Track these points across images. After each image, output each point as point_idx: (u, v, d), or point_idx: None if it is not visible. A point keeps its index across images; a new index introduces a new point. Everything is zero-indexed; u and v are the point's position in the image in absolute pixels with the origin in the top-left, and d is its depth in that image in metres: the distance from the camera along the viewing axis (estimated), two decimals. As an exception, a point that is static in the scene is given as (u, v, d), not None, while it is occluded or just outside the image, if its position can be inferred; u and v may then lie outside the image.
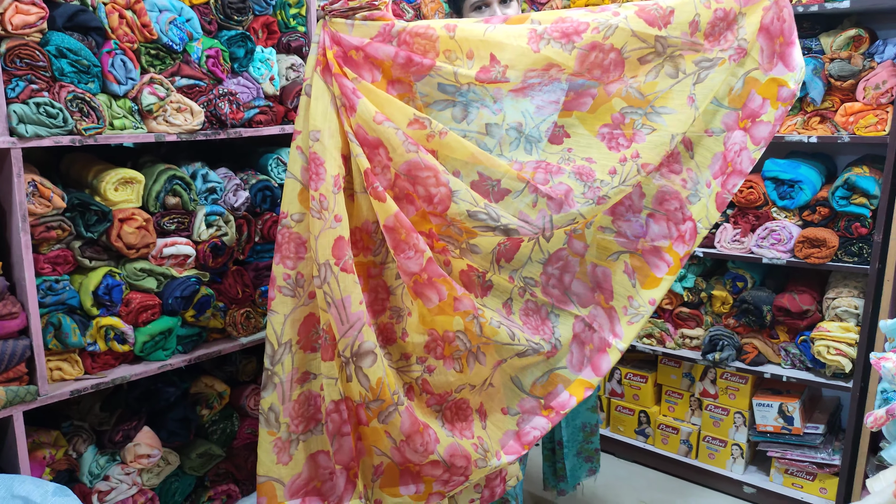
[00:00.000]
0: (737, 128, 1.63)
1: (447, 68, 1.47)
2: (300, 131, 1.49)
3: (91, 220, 1.76)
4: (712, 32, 1.55)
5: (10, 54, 1.58)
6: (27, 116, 1.59)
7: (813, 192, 2.34)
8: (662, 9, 1.50)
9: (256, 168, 2.21)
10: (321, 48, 1.48)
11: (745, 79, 1.60)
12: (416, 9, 2.75)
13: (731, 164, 1.63)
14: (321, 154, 1.44)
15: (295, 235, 1.49)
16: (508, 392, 1.65)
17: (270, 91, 2.13)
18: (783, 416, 2.47)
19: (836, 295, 2.35)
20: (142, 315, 1.88)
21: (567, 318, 1.66)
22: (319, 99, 1.46)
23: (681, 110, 1.55)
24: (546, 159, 1.56)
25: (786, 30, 1.61)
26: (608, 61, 1.51)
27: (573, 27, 1.49)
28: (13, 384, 1.67)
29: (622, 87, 1.55)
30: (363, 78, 1.48)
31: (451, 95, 1.50)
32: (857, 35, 2.28)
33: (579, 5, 2.79)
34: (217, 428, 2.18)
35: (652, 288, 1.67)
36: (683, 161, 1.63)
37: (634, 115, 1.56)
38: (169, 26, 1.83)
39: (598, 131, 1.57)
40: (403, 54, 1.46)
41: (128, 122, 1.80)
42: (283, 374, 1.52)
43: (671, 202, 1.64)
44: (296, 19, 2.18)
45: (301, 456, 1.56)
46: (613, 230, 1.66)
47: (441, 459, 1.54)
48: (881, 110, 2.20)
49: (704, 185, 1.63)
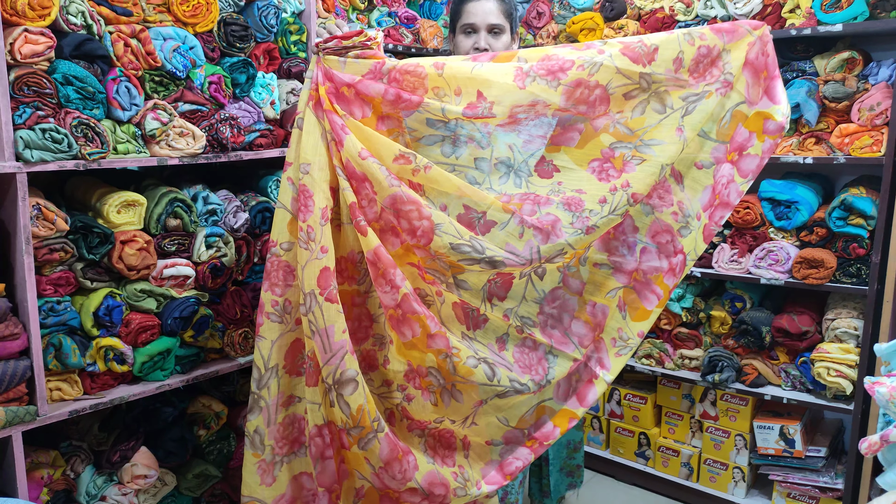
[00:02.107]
0: (725, 161, 1.64)
1: (435, 104, 1.51)
2: (291, 163, 1.54)
3: (93, 243, 1.80)
4: (696, 69, 1.57)
5: (19, 82, 1.63)
6: (33, 142, 1.64)
7: (810, 212, 2.35)
8: (647, 46, 1.53)
9: (256, 190, 2.25)
10: (314, 84, 1.53)
11: (732, 112, 1.62)
12: (415, 33, 2.81)
13: (719, 196, 1.65)
14: (310, 187, 1.48)
15: (283, 263, 1.53)
16: (493, 428, 1.66)
17: (271, 115, 2.18)
18: (784, 439, 2.46)
19: (835, 316, 2.34)
20: (141, 336, 1.91)
21: (565, 360, 1.66)
22: (311, 133, 1.51)
23: (670, 141, 1.58)
24: (535, 192, 1.58)
25: (769, 64, 1.63)
26: (593, 97, 1.54)
27: (558, 65, 1.52)
28: (13, 404, 1.69)
29: (609, 122, 1.58)
30: (354, 114, 1.53)
31: (440, 130, 1.54)
32: (851, 57, 2.30)
33: (573, 31, 2.84)
34: (214, 448, 2.20)
35: (642, 320, 1.69)
36: (674, 193, 1.66)
37: (624, 150, 1.59)
38: (173, 54, 1.89)
39: (588, 165, 1.60)
40: (393, 91, 1.50)
41: (131, 146, 1.84)
42: (269, 398, 1.55)
43: (663, 235, 1.66)
44: (296, 45, 2.23)
45: (285, 477, 1.60)
46: (610, 266, 1.68)
47: (419, 487, 1.55)
48: (876, 131, 2.21)
49: (695, 217, 1.65)
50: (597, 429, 2.97)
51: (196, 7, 1.95)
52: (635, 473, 2.85)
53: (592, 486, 2.84)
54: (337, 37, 1.53)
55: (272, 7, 2.12)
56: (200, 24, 1.97)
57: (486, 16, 1.88)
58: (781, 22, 2.37)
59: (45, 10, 1.65)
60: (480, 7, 1.89)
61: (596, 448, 2.96)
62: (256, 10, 2.09)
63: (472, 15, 1.90)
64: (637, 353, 2.77)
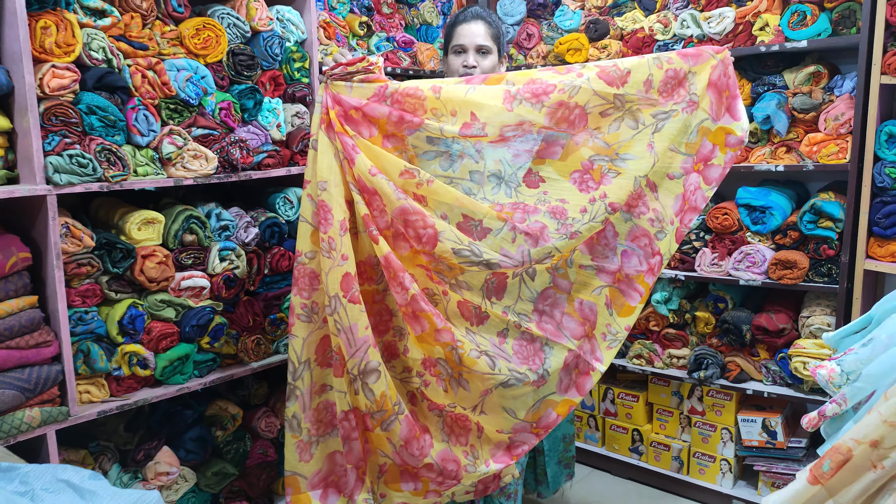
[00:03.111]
0: (693, 171, 1.82)
1: (434, 125, 1.68)
2: (309, 181, 1.70)
3: (117, 257, 1.95)
4: (665, 89, 1.74)
5: (48, 113, 1.78)
6: (61, 166, 1.79)
7: (783, 217, 2.49)
8: (620, 70, 1.70)
9: (265, 206, 2.40)
10: (324, 108, 1.70)
11: (698, 128, 1.79)
12: (413, 56, 2.97)
13: (688, 202, 1.83)
14: (328, 202, 1.65)
15: (309, 270, 1.70)
16: (502, 420, 1.82)
17: (277, 137, 2.34)
18: (767, 431, 2.59)
19: (809, 313, 2.48)
20: (162, 342, 2.06)
21: (560, 350, 1.82)
22: (325, 153, 1.67)
23: (642, 156, 1.75)
24: (524, 201, 1.75)
25: (731, 85, 1.80)
26: (573, 116, 1.71)
27: (542, 88, 1.69)
28: (47, 406, 1.84)
29: (588, 137, 1.74)
30: (362, 134, 1.70)
31: (438, 146, 1.71)
32: (817, 71, 2.45)
33: (560, 51, 3.00)
34: (231, 448, 2.34)
35: (627, 316, 1.86)
36: (650, 202, 1.82)
37: (601, 162, 1.75)
38: (186, 83, 2.05)
39: (570, 176, 1.76)
40: (396, 113, 1.67)
41: (150, 168, 2.00)
42: (303, 387, 1.72)
43: (642, 239, 1.83)
44: (300, 72, 2.39)
45: (320, 455, 1.77)
46: (594, 267, 1.85)
47: (434, 463, 1.72)
48: (841, 139, 2.36)
49: (669, 222, 1.82)
50: (593, 427, 3.10)
51: (206, 40, 2.11)
52: (629, 468, 2.97)
53: (590, 481, 2.97)
54: (342, 64, 1.70)
55: (276, 37, 2.29)
56: (211, 55, 2.13)
57: (475, 37, 2.06)
58: (752, 39, 2.53)
59: (70, 47, 1.80)
60: (469, 29, 2.07)
61: (592, 445, 3.10)
62: (262, 40, 2.26)
63: (462, 36, 2.08)
64: (628, 354, 2.91)
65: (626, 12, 2.89)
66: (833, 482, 1.07)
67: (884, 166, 2.22)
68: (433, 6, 3.13)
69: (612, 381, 3.06)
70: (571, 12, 3.02)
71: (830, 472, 1.07)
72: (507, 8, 3.18)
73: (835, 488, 1.07)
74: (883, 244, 2.27)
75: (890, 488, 1.04)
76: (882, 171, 2.22)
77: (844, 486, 1.07)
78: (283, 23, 2.34)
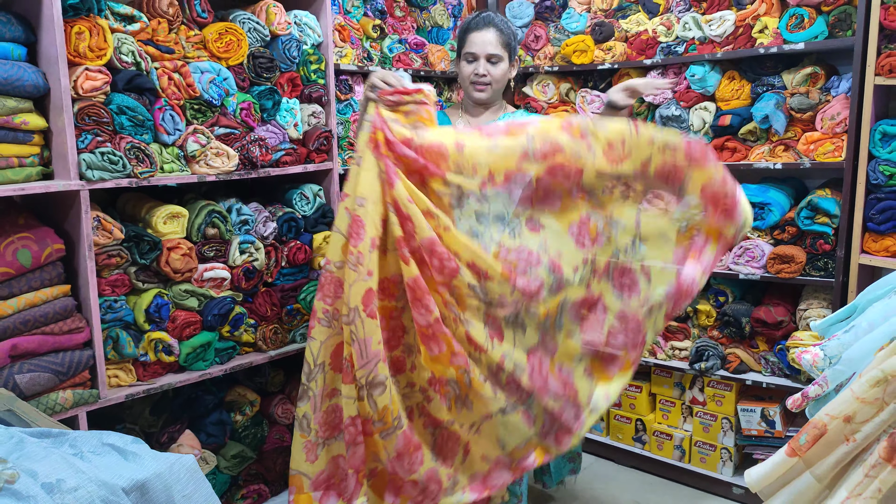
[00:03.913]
0: (686, 260, 1.81)
1: (455, 179, 1.74)
2: (348, 195, 1.74)
3: (144, 249, 2.06)
4: (660, 175, 1.75)
5: (81, 113, 1.89)
6: (94, 163, 1.90)
7: (781, 213, 2.57)
8: (623, 150, 1.73)
9: (283, 202, 2.51)
10: (374, 127, 1.74)
11: (689, 222, 1.80)
12: (424, 57, 3.07)
13: (680, 288, 1.81)
14: (363, 218, 1.70)
15: (335, 279, 1.75)
16: (491, 447, 1.86)
17: (294, 135, 2.45)
18: (766, 421, 2.67)
19: (807, 306, 2.56)
20: (185, 330, 2.17)
21: (539, 410, 1.84)
22: (369, 171, 1.72)
23: (628, 225, 1.78)
24: (528, 246, 1.78)
25: (728, 192, 1.75)
26: (572, 175, 1.75)
27: (552, 150, 1.73)
28: (78, 388, 1.96)
29: (585, 193, 1.78)
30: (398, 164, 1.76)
31: (451, 188, 1.77)
32: (814, 72, 2.53)
33: (567, 53, 3.09)
34: (249, 433, 2.45)
35: (606, 383, 1.86)
36: (642, 286, 1.82)
37: (597, 220, 1.79)
38: (209, 85, 2.16)
39: (568, 228, 1.80)
40: (422, 162, 1.74)
41: (175, 166, 2.11)
42: (315, 389, 1.77)
43: (631, 322, 1.82)
44: (316, 74, 2.50)
45: (325, 457, 1.81)
46: (581, 338, 1.85)
47: (419, 480, 1.78)
48: (837, 138, 2.44)
49: (658, 307, 1.82)
50: (597, 417, 3.19)
51: (228, 44, 2.22)
52: (633, 457, 3.06)
53: (594, 469, 3.06)
54: (399, 91, 1.75)
55: (294, 41, 2.40)
56: (232, 58, 2.23)
57: (486, 46, 2.07)
58: (752, 41, 2.61)
59: (102, 51, 1.91)
60: (481, 38, 2.08)
61: (597, 435, 3.19)
62: (280, 43, 2.36)
63: (474, 45, 2.09)
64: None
65: (630, 15, 2.98)
66: (809, 455, 1.16)
67: (878, 164, 2.30)
68: (444, 9, 3.23)
69: (617, 372, 3.15)
70: (578, 15, 3.11)
71: (807, 445, 1.16)
72: (515, 11, 3.28)
73: (811, 460, 1.16)
74: (877, 239, 2.35)
75: (861, 460, 1.13)
76: (876, 169, 2.30)
77: (820, 458, 1.16)
78: (301, 27, 2.45)
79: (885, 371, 1.11)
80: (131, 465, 1.01)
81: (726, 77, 2.71)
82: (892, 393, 1.11)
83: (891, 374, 1.11)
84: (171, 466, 1.03)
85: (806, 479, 1.18)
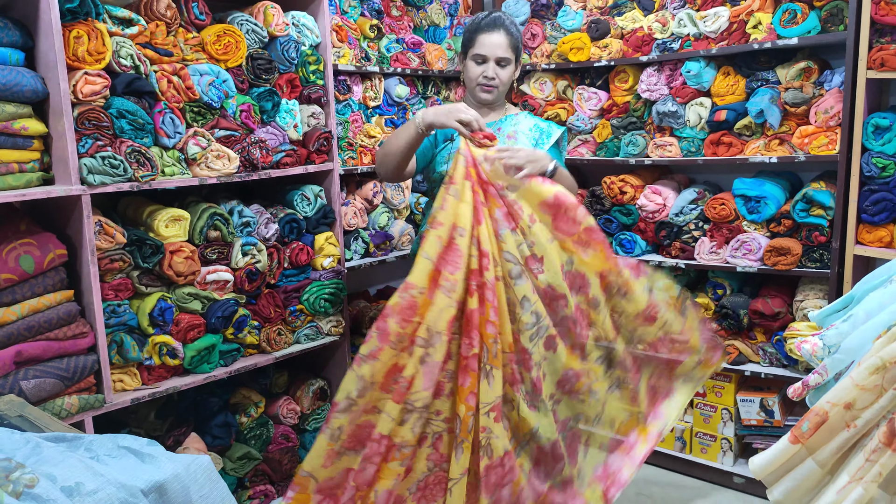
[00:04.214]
0: (617, 450, 1.95)
1: (516, 239, 1.79)
2: (442, 223, 1.75)
3: (147, 253, 2.07)
4: (651, 387, 1.91)
5: (81, 118, 1.90)
6: (95, 168, 1.91)
7: (777, 206, 2.60)
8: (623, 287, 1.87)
9: (284, 203, 2.52)
10: (469, 163, 1.79)
11: (629, 416, 1.94)
12: (421, 57, 3.09)
13: (610, 475, 1.91)
14: (463, 248, 1.73)
15: (414, 303, 1.74)
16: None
17: (294, 137, 2.46)
18: (764, 411, 2.70)
19: (803, 297, 2.59)
20: (189, 333, 2.18)
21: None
22: (468, 204, 1.76)
23: (599, 400, 1.89)
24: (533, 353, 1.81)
25: (660, 389, 1.96)
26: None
27: (582, 284, 1.87)
28: (84, 394, 1.96)
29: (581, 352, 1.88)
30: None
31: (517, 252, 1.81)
32: (808, 66, 2.56)
33: (563, 50, 3.11)
34: (254, 434, 2.46)
35: None
36: (580, 455, 1.91)
37: (586, 382, 1.88)
38: (208, 87, 2.17)
39: (565, 369, 1.85)
40: (505, 211, 1.79)
41: (176, 169, 2.12)
42: (360, 404, 1.76)
43: (568, 489, 1.89)
44: (315, 75, 2.51)
45: (338, 466, 1.80)
46: (528, 477, 1.88)
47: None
48: (831, 132, 2.47)
49: (587, 483, 1.91)
50: (597, 412, 3.22)
51: (227, 45, 2.23)
52: (633, 451, 3.09)
53: (595, 464, 3.08)
54: (488, 136, 1.82)
55: (292, 42, 2.41)
56: (231, 60, 2.25)
57: (495, 49, 2.06)
58: (746, 37, 2.63)
59: (101, 54, 1.92)
60: (491, 40, 2.06)
61: (597, 430, 3.22)
62: (279, 45, 2.38)
63: (483, 47, 2.07)
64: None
65: (625, 12, 3.00)
66: (812, 441, 1.19)
67: (871, 156, 2.33)
68: (440, 8, 3.24)
69: (616, 367, 3.18)
70: (573, 12, 3.13)
71: (809, 433, 1.18)
72: (511, 9, 3.29)
73: (813, 447, 1.19)
74: (871, 230, 2.38)
75: (861, 445, 1.16)
76: (869, 161, 2.33)
77: (822, 445, 1.18)
78: (299, 28, 2.46)
79: (884, 358, 1.13)
80: (148, 466, 1.02)
81: (721, 73, 2.73)
82: (891, 379, 1.13)
83: (889, 361, 1.13)
84: (187, 467, 1.04)
85: (808, 465, 1.20)
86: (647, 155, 2.94)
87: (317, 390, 2.67)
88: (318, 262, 2.56)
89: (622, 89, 3.01)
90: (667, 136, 2.90)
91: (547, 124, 2.19)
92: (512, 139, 2.13)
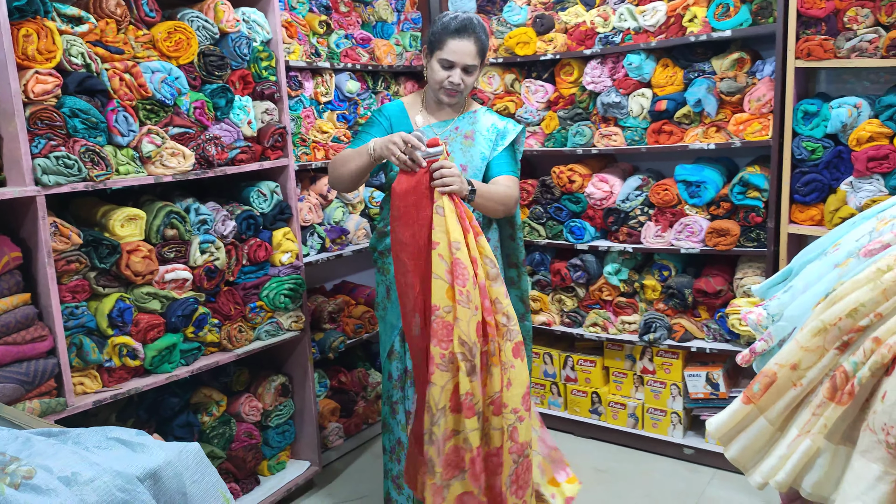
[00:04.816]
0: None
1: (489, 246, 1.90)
2: (439, 242, 1.80)
3: (103, 254, 2.04)
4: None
5: (33, 117, 1.86)
6: (49, 168, 1.87)
7: (716, 190, 2.75)
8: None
9: (240, 200, 2.51)
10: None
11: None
12: (371, 52, 3.12)
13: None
14: (463, 260, 1.78)
15: (446, 323, 1.78)
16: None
17: (249, 133, 2.46)
18: (710, 384, 2.86)
19: (742, 275, 2.75)
20: (149, 333, 2.16)
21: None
22: (452, 217, 1.81)
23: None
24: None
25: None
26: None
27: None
28: (45, 398, 1.92)
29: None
30: None
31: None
32: (741, 57, 2.71)
33: (510, 45, 3.19)
34: (217, 433, 2.45)
35: None
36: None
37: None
38: (161, 84, 2.15)
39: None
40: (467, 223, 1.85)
41: (131, 167, 2.09)
42: (439, 433, 1.80)
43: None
44: (267, 70, 2.51)
45: (451, 498, 1.84)
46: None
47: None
48: (764, 118, 2.63)
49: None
50: (555, 393, 3.33)
51: (178, 42, 2.21)
52: (590, 428, 3.21)
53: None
54: (433, 143, 1.85)
55: (244, 38, 2.40)
56: (183, 57, 2.23)
57: (465, 57, 2.05)
58: (683, 30, 2.77)
59: (51, 53, 1.88)
60: (461, 48, 2.04)
61: (556, 410, 3.32)
62: (231, 41, 2.37)
63: (453, 53, 2.05)
64: (585, 323, 3.14)
65: (569, 7, 3.10)
66: (762, 401, 1.29)
67: (801, 140, 2.49)
68: (387, 4, 3.27)
69: (571, 349, 3.29)
70: (519, 8, 3.22)
71: (760, 393, 1.29)
72: (458, 4, 3.35)
73: (764, 406, 1.29)
74: (803, 210, 2.55)
75: (807, 402, 1.27)
76: (800, 145, 2.49)
77: (771, 404, 1.29)
78: (250, 24, 2.46)
79: (825, 321, 1.24)
80: (140, 455, 1.03)
81: (661, 64, 2.86)
82: (831, 340, 1.24)
83: (829, 323, 1.24)
84: (179, 454, 1.06)
85: (760, 423, 1.30)
86: (594, 144, 3.05)
87: (278, 386, 2.67)
88: (276, 259, 2.56)
89: (568, 82, 3.11)
90: (611, 126, 3.02)
91: (504, 123, 2.19)
92: (469, 139, 2.14)
